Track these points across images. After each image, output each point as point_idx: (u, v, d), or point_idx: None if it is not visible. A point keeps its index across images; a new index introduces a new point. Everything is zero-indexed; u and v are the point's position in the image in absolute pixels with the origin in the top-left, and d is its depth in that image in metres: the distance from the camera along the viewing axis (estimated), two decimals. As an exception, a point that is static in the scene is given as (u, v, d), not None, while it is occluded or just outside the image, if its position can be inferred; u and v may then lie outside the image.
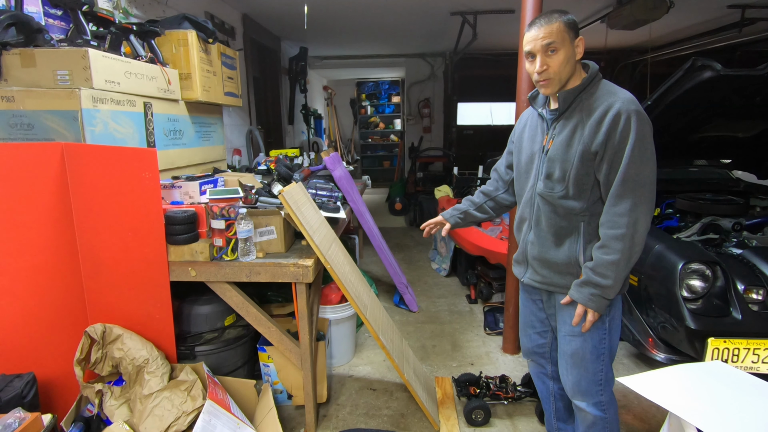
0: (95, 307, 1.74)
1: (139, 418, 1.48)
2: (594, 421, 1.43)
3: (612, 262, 1.24)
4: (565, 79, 1.31)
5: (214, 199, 1.80)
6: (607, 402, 1.42)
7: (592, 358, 1.38)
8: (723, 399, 1.12)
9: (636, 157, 1.21)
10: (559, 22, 1.27)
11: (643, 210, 1.23)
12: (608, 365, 1.40)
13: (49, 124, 1.69)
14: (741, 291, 1.90)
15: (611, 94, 1.27)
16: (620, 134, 1.22)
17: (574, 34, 1.28)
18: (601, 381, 1.40)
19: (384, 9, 4.50)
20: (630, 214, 1.22)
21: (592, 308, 1.30)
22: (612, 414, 1.44)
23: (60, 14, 2.03)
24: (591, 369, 1.38)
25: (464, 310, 3.23)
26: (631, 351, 2.57)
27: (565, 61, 1.28)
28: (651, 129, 1.24)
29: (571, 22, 1.28)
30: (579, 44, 1.30)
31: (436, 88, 7.85)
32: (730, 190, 2.80)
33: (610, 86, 1.31)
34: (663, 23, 4.49)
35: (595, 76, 1.32)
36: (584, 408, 1.43)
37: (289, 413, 2.06)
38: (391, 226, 5.95)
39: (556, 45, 1.27)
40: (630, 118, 1.21)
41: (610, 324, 1.38)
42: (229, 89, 2.78)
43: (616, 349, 1.43)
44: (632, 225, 1.23)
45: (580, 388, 1.41)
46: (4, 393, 1.44)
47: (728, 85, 2.01)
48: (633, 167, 1.21)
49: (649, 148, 1.23)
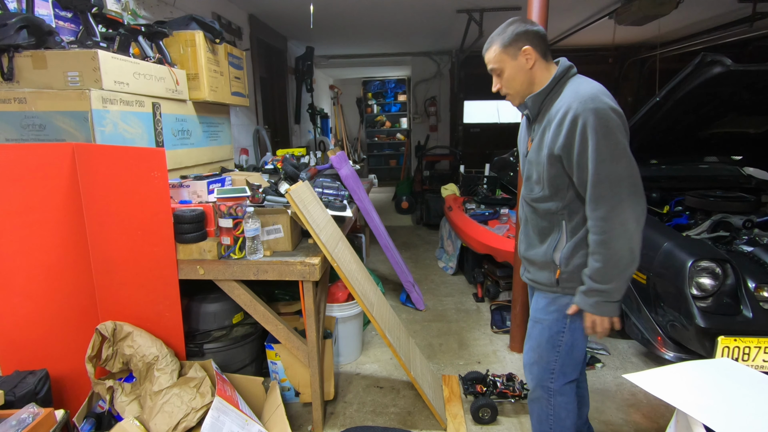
0: (106, 305, 1.76)
1: (149, 415, 1.50)
2: (537, 398, 1.50)
3: (599, 269, 1.24)
4: (524, 89, 1.34)
5: (221, 198, 1.82)
6: (556, 390, 1.46)
7: (548, 347, 1.43)
8: (731, 396, 1.11)
9: (604, 155, 1.17)
10: (494, 47, 1.33)
11: (625, 208, 1.18)
12: (565, 359, 1.42)
13: (60, 124, 1.72)
14: (752, 289, 1.88)
15: (573, 94, 1.24)
16: (579, 136, 1.19)
17: (515, 49, 1.30)
18: (554, 371, 1.44)
19: (390, 7, 4.49)
20: (610, 218, 1.19)
21: (597, 314, 1.28)
22: (557, 403, 1.46)
23: (70, 16, 2.05)
24: (545, 357, 1.44)
25: (471, 308, 3.22)
26: (639, 349, 2.55)
27: (513, 77, 1.33)
28: (618, 123, 1.18)
29: (509, 41, 1.30)
30: (524, 54, 1.30)
31: (443, 87, 7.82)
32: (741, 187, 2.76)
33: (576, 84, 1.27)
34: (672, 18, 4.43)
35: (562, 77, 1.30)
36: (531, 384, 1.51)
37: (297, 410, 2.08)
38: (398, 225, 5.95)
39: (497, 68, 1.35)
40: (587, 118, 1.17)
41: (573, 321, 1.38)
42: (236, 89, 2.80)
43: (581, 350, 1.43)
44: (615, 228, 1.19)
45: (532, 370, 1.49)
46: (18, 389, 1.47)
47: (739, 81, 1.99)
48: (603, 167, 1.17)
49: (619, 144, 1.17)
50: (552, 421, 1.50)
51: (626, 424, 1.96)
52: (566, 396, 1.48)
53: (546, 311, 1.42)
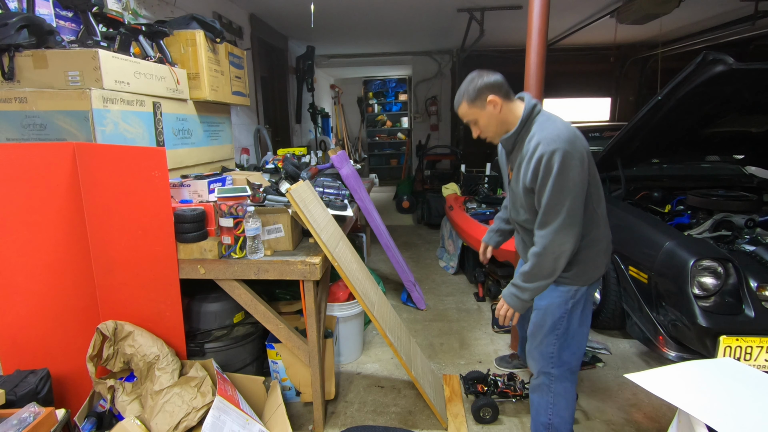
0: (107, 305, 1.76)
1: (150, 414, 1.50)
2: (538, 384, 1.63)
3: (526, 272, 1.49)
4: (499, 130, 1.53)
5: (222, 198, 1.82)
6: (557, 376, 1.59)
7: (548, 332, 1.56)
8: (733, 396, 1.10)
9: (556, 189, 1.36)
10: (463, 103, 1.52)
11: (562, 235, 1.40)
12: (563, 343, 1.56)
13: (61, 124, 1.72)
14: (754, 288, 1.87)
15: (540, 133, 1.40)
16: (543, 171, 1.38)
17: (481, 101, 1.47)
18: (552, 355, 1.57)
19: (390, 7, 4.49)
20: (546, 237, 1.42)
21: (508, 303, 1.56)
22: (558, 390, 1.59)
23: (70, 16, 2.06)
24: (544, 342, 1.58)
25: (472, 308, 3.22)
26: (641, 349, 2.54)
27: (487, 124, 1.52)
28: (578, 160, 1.36)
29: (475, 95, 1.47)
30: (491, 102, 1.47)
31: (444, 86, 7.82)
32: (742, 186, 2.75)
33: (542, 122, 1.44)
34: (674, 17, 4.42)
35: (528, 118, 1.46)
36: (534, 370, 1.64)
37: (298, 410, 2.08)
38: (399, 224, 5.95)
39: (472, 120, 1.54)
40: (552, 156, 1.35)
41: (573, 309, 1.54)
42: (236, 88, 2.80)
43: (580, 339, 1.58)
44: (547, 245, 1.42)
45: (533, 355, 1.63)
46: (19, 388, 1.47)
47: (741, 80, 1.97)
48: (553, 198, 1.38)
49: (571, 180, 1.36)
50: (551, 411, 1.60)
51: (628, 424, 1.96)
52: (567, 383, 1.59)
53: (547, 298, 1.56)
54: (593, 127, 3.57)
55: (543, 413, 1.62)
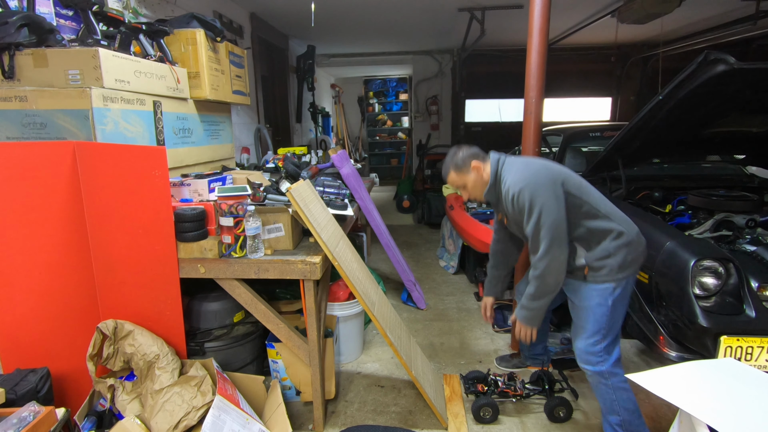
0: (107, 304, 1.76)
1: (150, 413, 1.50)
2: (596, 384, 1.72)
3: (532, 293, 1.70)
4: (484, 189, 1.77)
5: (222, 197, 1.82)
6: (608, 373, 1.67)
7: (591, 332, 1.68)
8: (735, 396, 1.10)
9: (534, 220, 1.59)
10: (452, 173, 1.79)
11: (551, 252, 1.60)
12: (609, 341, 1.68)
13: (61, 123, 1.72)
14: (755, 288, 1.87)
15: (508, 178, 1.67)
16: (518, 208, 1.64)
17: (467, 168, 1.75)
18: (601, 352, 1.68)
19: (391, 6, 4.48)
20: (540, 259, 1.62)
21: (524, 323, 1.77)
22: (615, 384, 1.67)
23: (71, 15, 2.05)
24: (589, 341, 1.69)
25: (472, 307, 3.22)
26: (641, 349, 2.54)
27: (474, 186, 1.79)
28: (544, 188, 1.59)
29: (462, 164, 1.76)
30: (474, 168, 1.75)
31: (444, 85, 7.80)
32: (743, 186, 2.74)
33: (508, 170, 1.70)
34: (675, 16, 4.41)
35: (497, 169, 1.72)
36: (585, 370, 1.73)
37: (298, 409, 2.08)
38: (399, 224, 5.94)
39: (461, 185, 1.81)
40: (521, 195, 1.61)
41: (613, 305, 1.66)
42: (237, 88, 2.79)
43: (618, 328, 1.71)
44: (543, 268, 1.62)
45: (581, 357, 1.73)
46: (19, 387, 1.47)
47: (742, 80, 1.97)
48: (534, 227, 1.60)
49: (544, 207, 1.57)
50: (617, 407, 1.69)
51: (628, 424, 1.95)
52: (619, 374, 1.69)
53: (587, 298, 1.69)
54: (594, 127, 3.57)
55: (611, 412, 1.71)
